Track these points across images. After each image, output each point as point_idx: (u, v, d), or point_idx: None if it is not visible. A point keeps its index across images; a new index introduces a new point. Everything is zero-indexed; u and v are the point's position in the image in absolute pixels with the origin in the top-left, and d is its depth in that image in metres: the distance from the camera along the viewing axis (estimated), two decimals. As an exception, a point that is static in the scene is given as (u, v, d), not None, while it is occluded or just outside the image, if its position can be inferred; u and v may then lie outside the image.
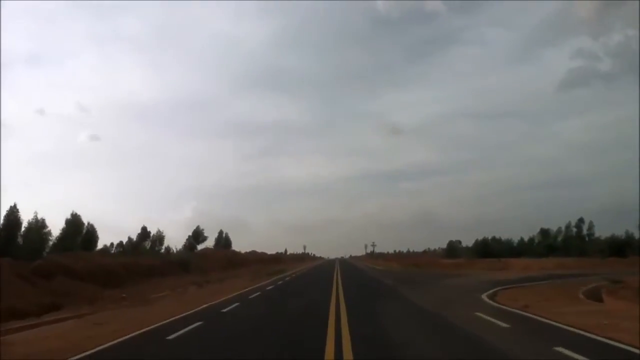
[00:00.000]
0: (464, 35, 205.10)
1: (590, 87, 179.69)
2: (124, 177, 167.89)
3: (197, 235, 78.50)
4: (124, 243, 71.58)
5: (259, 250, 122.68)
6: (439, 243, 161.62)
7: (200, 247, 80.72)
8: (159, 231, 69.06)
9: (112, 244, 63.24)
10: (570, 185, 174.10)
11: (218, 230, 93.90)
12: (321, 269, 63.28)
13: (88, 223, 51.83)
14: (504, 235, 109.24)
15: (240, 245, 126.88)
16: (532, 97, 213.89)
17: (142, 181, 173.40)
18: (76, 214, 50.49)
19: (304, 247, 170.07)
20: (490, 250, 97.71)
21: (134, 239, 72.76)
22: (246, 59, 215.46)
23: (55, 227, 46.07)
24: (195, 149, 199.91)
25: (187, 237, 79.02)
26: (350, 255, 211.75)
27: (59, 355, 8.77)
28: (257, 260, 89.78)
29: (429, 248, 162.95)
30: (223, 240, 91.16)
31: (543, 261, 52.67)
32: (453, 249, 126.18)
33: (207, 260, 59.10)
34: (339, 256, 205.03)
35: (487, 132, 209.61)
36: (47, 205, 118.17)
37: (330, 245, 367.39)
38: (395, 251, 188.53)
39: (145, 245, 62.90)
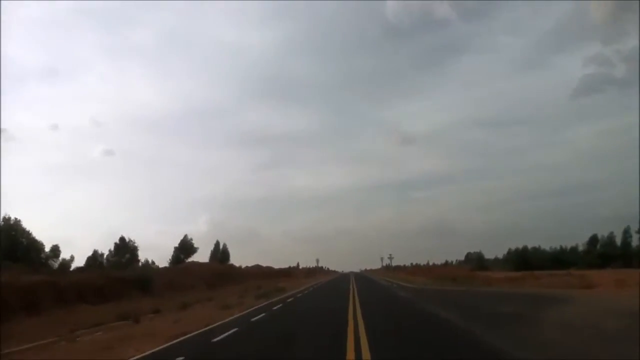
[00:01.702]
0: (475, 42, 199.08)
1: (605, 93, 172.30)
2: (137, 190, 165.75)
3: (185, 247, 66.16)
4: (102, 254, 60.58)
5: (268, 263, 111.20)
6: (456, 254, 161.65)
7: (191, 259, 68.88)
8: (130, 241, 57.08)
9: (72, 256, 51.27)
10: (585, 192, 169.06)
11: (214, 242, 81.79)
12: (332, 287, 50.40)
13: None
14: (525, 244, 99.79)
15: (250, 258, 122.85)
16: (545, 104, 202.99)
17: (155, 193, 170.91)
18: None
19: (317, 261, 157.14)
20: (530, 261, 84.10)
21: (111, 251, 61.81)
22: (256, 67, 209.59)
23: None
24: (207, 159, 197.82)
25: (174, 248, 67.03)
26: (365, 269, 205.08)
27: None
28: (257, 276, 77.15)
29: (447, 260, 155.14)
30: (220, 253, 78.48)
31: (627, 273, 39.02)
32: (481, 261, 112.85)
33: (187, 277, 46.60)
34: (353, 270, 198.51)
35: (500, 139, 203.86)
36: (62, 219, 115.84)
37: (343, 258, 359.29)
38: (412, 264, 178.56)
39: (110, 258, 50.71)
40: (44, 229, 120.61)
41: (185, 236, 66.74)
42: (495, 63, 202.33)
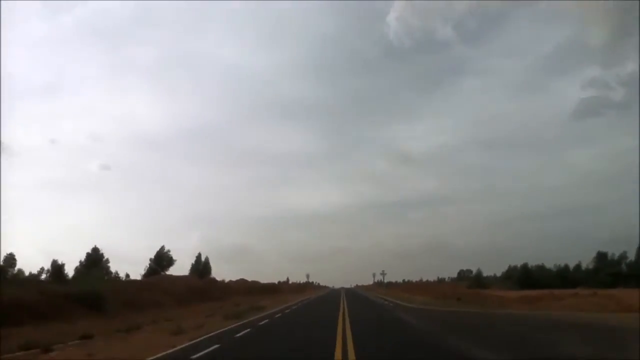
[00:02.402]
0: (475, 65, 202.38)
1: (604, 116, 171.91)
2: (133, 206, 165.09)
3: (161, 259, 60.07)
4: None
5: (260, 279, 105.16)
6: (448, 272, 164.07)
7: (170, 272, 62.81)
8: (98, 252, 51.07)
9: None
10: (583, 215, 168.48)
11: (196, 255, 75.84)
12: (319, 305, 44.57)
13: None
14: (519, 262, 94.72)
15: (241, 274, 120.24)
16: (543, 127, 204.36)
17: (151, 210, 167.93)
18: None
19: (307, 276, 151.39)
20: (534, 279, 78.48)
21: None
22: (255, 87, 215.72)
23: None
24: (204, 178, 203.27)
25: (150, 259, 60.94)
26: (357, 285, 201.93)
27: None
28: (240, 291, 71.05)
29: (439, 277, 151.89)
30: (201, 266, 72.33)
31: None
32: (479, 279, 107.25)
33: (155, 292, 40.61)
34: (345, 285, 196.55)
35: (497, 161, 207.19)
36: (57, 233, 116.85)
37: (336, 274, 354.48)
38: (404, 280, 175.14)
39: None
40: (39, 242, 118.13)
41: (162, 247, 60.88)
42: (495, 86, 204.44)
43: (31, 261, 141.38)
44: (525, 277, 77.95)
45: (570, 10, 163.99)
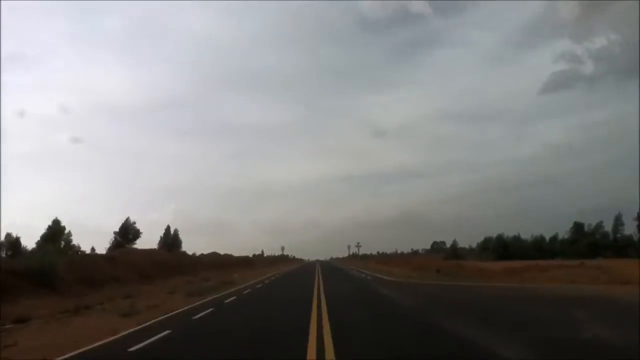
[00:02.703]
0: (448, 37, 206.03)
1: (573, 89, 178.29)
2: (105, 179, 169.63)
3: (126, 231, 56.89)
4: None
5: (235, 252, 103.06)
6: (422, 244, 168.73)
7: (137, 245, 59.75)
8: (59, 224, 47.69)
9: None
10: (552, 186, 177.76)
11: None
12: (295, 278, 42.49)
13: None
14: (491, 233, 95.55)
15: (216, 247, 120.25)
16: (515, 99, 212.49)
17: (123, 182, 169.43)
18: None
19: (282, 249, 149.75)
20: (509, 250, 77.93)
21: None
22: (228, 58, 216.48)
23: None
24: (176, 148, 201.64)
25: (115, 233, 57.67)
26: (332, 257, 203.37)
27: None
28: (212, 265, 68.50)
29: (412, 249, 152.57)
30: (170, 239, 69.31)
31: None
32: (454, 250, 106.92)
33: (116, 267, 37.70)
34: (320, 258, 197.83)
35: (470, 133, 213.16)
36: (28, 207, 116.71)
37: (311, 247, 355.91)
38: (378, 252, 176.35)
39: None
40: (7, 217, 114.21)
41: (127, 219, 57.54)
42: (467, 58, 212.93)
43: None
44: (502, 248, 77.40)
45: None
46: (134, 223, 57.61)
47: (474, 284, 25.21)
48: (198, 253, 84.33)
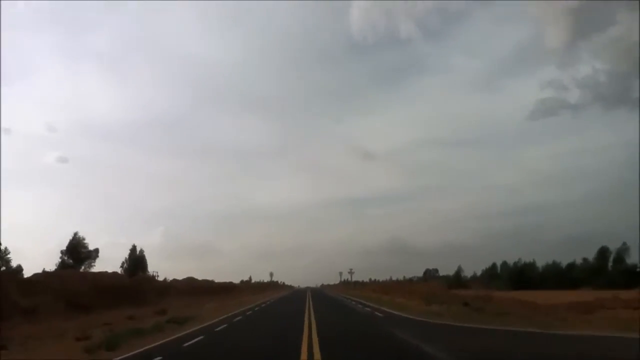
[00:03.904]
0: (435, 63, 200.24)
1: (559, 116, 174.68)
2: (90, 199, 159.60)
3: (75, 250, 46.90)
4: None
5: (223, 278, 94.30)
6: (414, 271, 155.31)
7: (94, 266, 49.65)
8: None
9: None
10: (537, 213, 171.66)
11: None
12: (279, 312, 32.96)
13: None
14: (482, 261, 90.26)
15: (204, 272, 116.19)
16: (501, 126, 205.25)
17: (108, 203, 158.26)
18: None
19: (271, 275, 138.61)
20: (526, 278, 68.43)
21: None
22: (216, 79, 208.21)
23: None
24: (163, 169, 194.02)
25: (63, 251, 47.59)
26: (322, 284, 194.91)
27: None
28: (185, 292, 58.41)
29: (404, 276, 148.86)
30: (133, 262, 59.15)
31: None
32: (458, 278, 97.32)
33: (34, 293, 27.89)
34: (310, 285, 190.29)
35: (457, 159, 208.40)
36: (13, 227, 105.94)
37: (301, 273, 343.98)
38: (370, 279, 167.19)
39: None
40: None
41: (75, 235, 47.54)
42: (454, 84, 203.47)
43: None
44: (517, 275, 67.88)
45: (529, 11, 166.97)
46: (83, 239, 47.68)
47: (559, 332, 15.74)
48: (167, 278, 74.30)
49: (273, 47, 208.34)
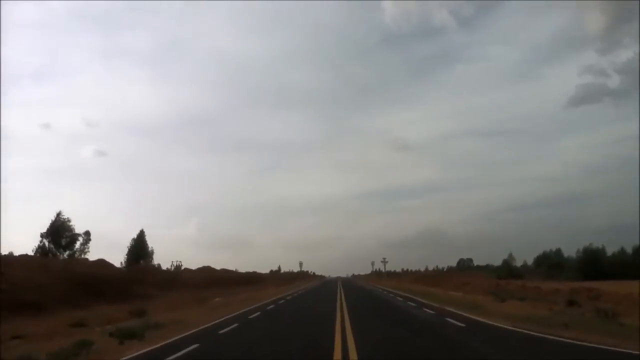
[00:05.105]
0: (470, 52, 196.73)
1: (599, 103, 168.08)
2: (128, 193, 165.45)
3: (58, 234, 38.87)
4: None
5: (254, 269, 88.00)
6: (447, 261, 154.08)
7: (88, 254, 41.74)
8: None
9: None
10: (575, 203, 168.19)
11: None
12: (303, 309, 24.08)
13: None
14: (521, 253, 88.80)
15: (236, 263, 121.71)
16: (539, 114, 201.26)
17: (146, 197, 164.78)
18: None
19: (300, 264, 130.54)
20: (601, 265, 57.58)
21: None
22: (250, 75, 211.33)
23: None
24: (200, 165, 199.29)
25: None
26: (353, 274, 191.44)
27: None
28: (198, 284, 50.26)
29: (437, 266, 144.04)
30: (137, 249, 51.00)
31: None
32: (509, 268, 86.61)
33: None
34: (341, 275, 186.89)
35: (494, 149, 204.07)
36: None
37: (331, 264, 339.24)
38: (403, 270, 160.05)
39: None
40: (32, 230, 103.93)
41: (58, 215, 39.40)
42: (490, 73, 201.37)
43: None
44: (592, 264, 57.12)
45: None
46: (68, 220, 39.63)
47: None
48: (186, 267, 66.56)
49: (308, 43, 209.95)
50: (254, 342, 12.91)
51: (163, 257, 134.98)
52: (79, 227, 40.44)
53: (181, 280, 51.16)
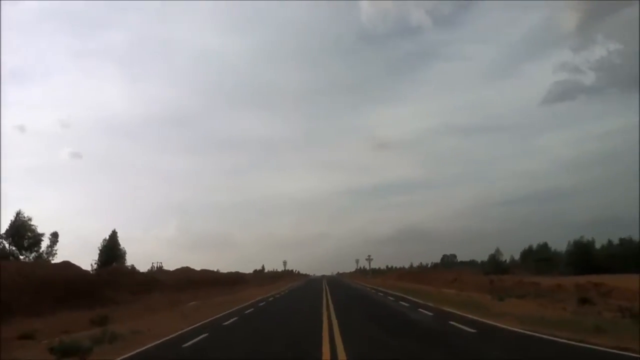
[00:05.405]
0: (448, 50, 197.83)
1: (574, 100, 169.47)
2: (106, 194, 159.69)
3: (20, 234, 35.83)
4: None
5: (238, 268, 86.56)
6: (430, 258, 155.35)
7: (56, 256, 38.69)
8: None
9: None
10: (555, 199, 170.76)
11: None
12: (285, 312, 21.61)
13: None
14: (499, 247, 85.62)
15: (219, 263, 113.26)
16: (518, 111, 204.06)
17: (125, 198, 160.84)
18: None
19: (284, 263, 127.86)
20: (592, 258, 56.18)
21: None
22: (229, 73, 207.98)
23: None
24: (180, 165, 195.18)
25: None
26: (337, 272, 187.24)
27: None
28: (176, 285, 47.48)
29: (421, 262, 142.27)
30: (109, 251, 47.98)
31: None
32: (495, 261, 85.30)
33: None
34: (326, 273, 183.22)
35: (475, 146, 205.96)
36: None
37: (315, 262, 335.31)
38: (387, 267, 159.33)
39: None
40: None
41: (18, 214, 36.32)
42: (468, 71, 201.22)
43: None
44: (584, 258, 55.64)
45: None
46: (29, 220, 36.63)
47: None
48: (164, 269, 63.52)
49: (288, 41, 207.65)
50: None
51: (143, 258, 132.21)
52: (58, 230, 37.95)
53: (158, 283, 48.30)
